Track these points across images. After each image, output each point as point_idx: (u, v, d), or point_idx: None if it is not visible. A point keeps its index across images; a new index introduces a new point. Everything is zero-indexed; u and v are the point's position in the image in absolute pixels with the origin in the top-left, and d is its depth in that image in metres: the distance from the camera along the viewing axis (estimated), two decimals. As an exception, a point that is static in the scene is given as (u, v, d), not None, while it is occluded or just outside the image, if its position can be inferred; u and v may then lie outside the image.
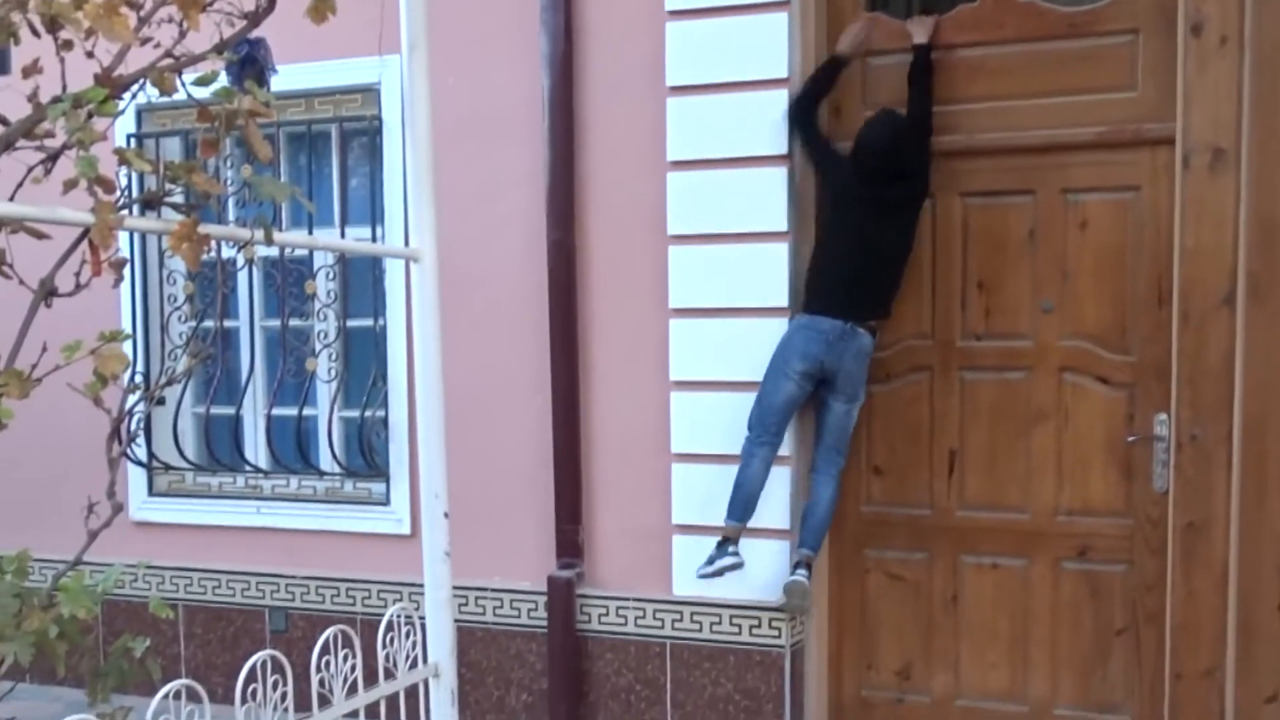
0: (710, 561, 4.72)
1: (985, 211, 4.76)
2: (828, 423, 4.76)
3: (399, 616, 3.28)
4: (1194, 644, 4.48)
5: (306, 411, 5.70)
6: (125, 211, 2.50)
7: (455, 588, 3.48)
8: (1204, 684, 4.48)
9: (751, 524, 4.81)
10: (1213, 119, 4.33)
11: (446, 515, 3.36)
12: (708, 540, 4.89)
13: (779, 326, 4.78)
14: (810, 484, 4.81)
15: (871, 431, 4.98)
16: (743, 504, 4.70)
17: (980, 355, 4.83)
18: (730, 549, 4.70)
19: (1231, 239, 4.33)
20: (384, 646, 3.24)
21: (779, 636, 4.86)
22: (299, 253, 5.67)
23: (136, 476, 6.03)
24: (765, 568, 4.83)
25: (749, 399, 4.81)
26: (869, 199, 4.61)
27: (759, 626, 4.88)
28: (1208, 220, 4.35)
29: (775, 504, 4.83)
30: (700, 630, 4.98)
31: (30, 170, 2.67)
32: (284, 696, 2.85)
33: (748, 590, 4.88)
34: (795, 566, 4.72)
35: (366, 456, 5.58)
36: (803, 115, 4.70)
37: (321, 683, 3.02)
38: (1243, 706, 4.42)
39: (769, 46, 4.74)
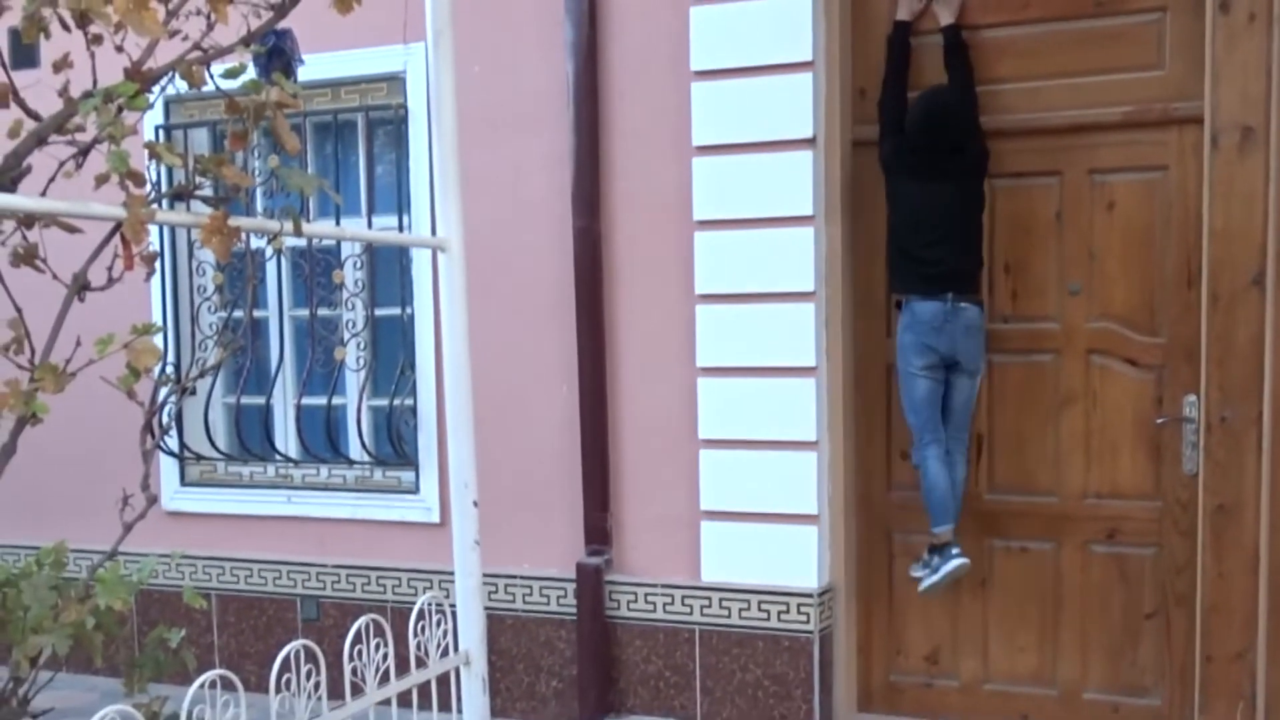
0: (935, 569, 4.68)
1: (1012, 193, 4.74)
2: (954, 403, 4.72)
3: (430, 605, 3.31)
4: (1224, 627, 4.46)
5: (336, 401, 5.73)
6: (155, 205, 2.52)
7: (485, 575, 3.50)
8: (1235, 666, 4.46)
9: (779, 510, 4.82)
10: (1241, 97, 4.29)
11: (476, 504, 3.38)
12: (736, 526, 4.91)
13: (806, 311, 4.78)
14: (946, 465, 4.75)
15: (898, 416, 4.96)
16: (943, 508, 4.65)
17: (1008, 338, 4.81)
18: (954, 551, 4.64)
19: (1261, 219, 4.30)
20: (415, 635, 3.27)
21: (808, 622, 4.86)
22: (327, 242, 5.69)
23: (169, 467, 6.07)
24: (794, 553, 4.83)
25: (776, 384, 4.81)
26: (932, 174, 4.60)
27: (787, 612, 4.88)
28: (1237, 200, 4.32)
29: (803, 491, 4.83)
30: (729, 616, 4.99)
31: (62, 165, 2.70)
32: (317, 686, 2.88)
33: (777, 575, 4.88)
34: (943, 547, 4.70)
35: (395, 445, 5.60)
36: (890, 98, 4.73)
37: (354, 671, 3.04)
38: (1274, 688, 4.40)
39: (794, 29, 4.72)
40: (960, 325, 4.58)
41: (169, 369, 5.83)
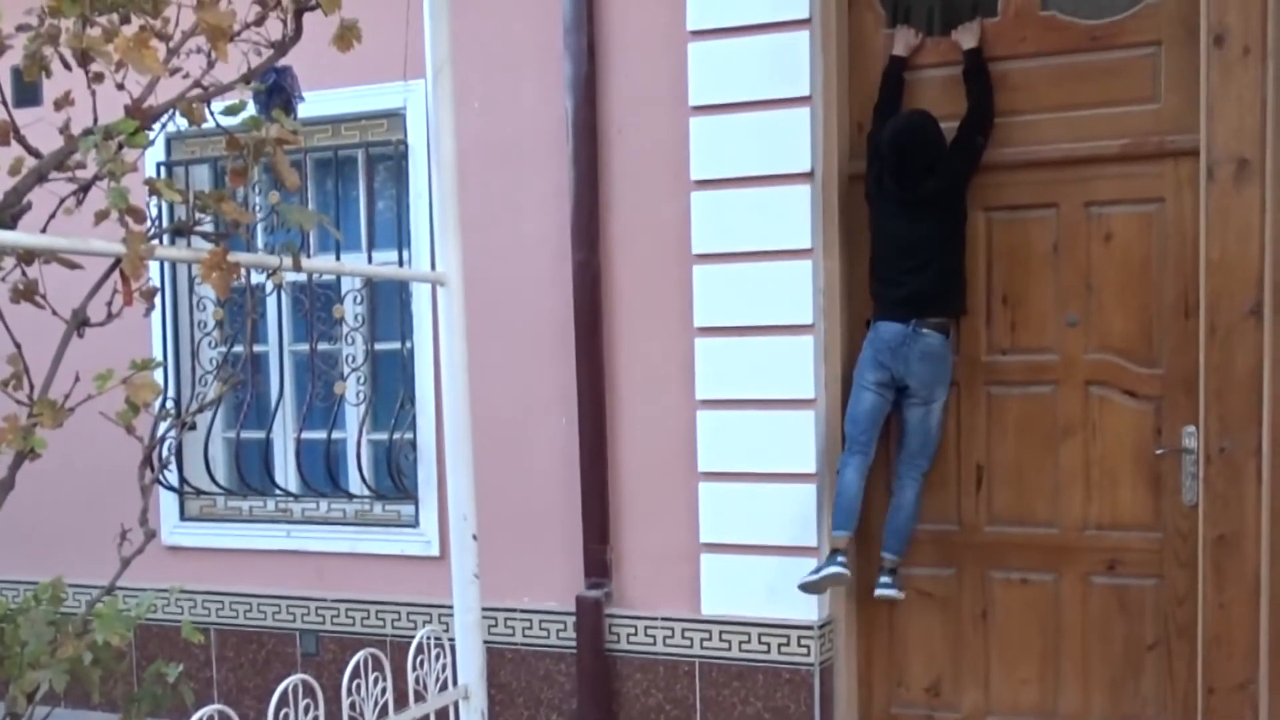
0: (816, 570, 4.71)
1: (1009, 226, 4.76)
2: (907, 427, 4.78)
3: (429, 639, 3.30)
4: (1226, 657, 4.45)
5: (335, 435, 5.73)
6: (155, 241, 2.53)
7: (484, 609, 3.49)
8: (1237, 697, 4.45)
9: (779, 542, 4.82)
10: (1236, 130, 4.31)
11: (475, 537, 3.38)
12: (736, 559, 4.91)
13: (804, 344, 4.79)
14: (894, 489, 4.82)
15: (894, 447, 4.96)
16: (845, 514, 4.70)
17: (1006, 370, 4.82)
18: (839, 559, 4.68)
19: (1257, 250, 4.31)
20: (414, 669, 3.26)
21: (808, 654, 4.85)
22: (327, 278, 5.71)
23: (168, 501, 6.07)
24: (794, 586, 4.82)
25: (775, 416, 4.82)
26: (904, 200, 4.64)
27: (788, 645, 4.87)
28: (1233, 232, 4.34)
29: (803, 523, 4.83)
30: (729, 649, 4.98)
31: (62, 201, 2.71)
32: (316, 720, 2.87)
33: (777, 608, 4.87)
34: (882, 572, 4.78)
35: (395, 479, 5.60)
36: (879, 131, 4.77)
37: (352, 706, 3.03)
38: (1277, 719, 4.39)
39: (790, 65, 4.75)
40: (916, 351, 4.62)
41: (169, 404, 5.84)
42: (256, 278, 5.67)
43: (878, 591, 4.79)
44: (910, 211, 4.64)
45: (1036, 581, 4.84)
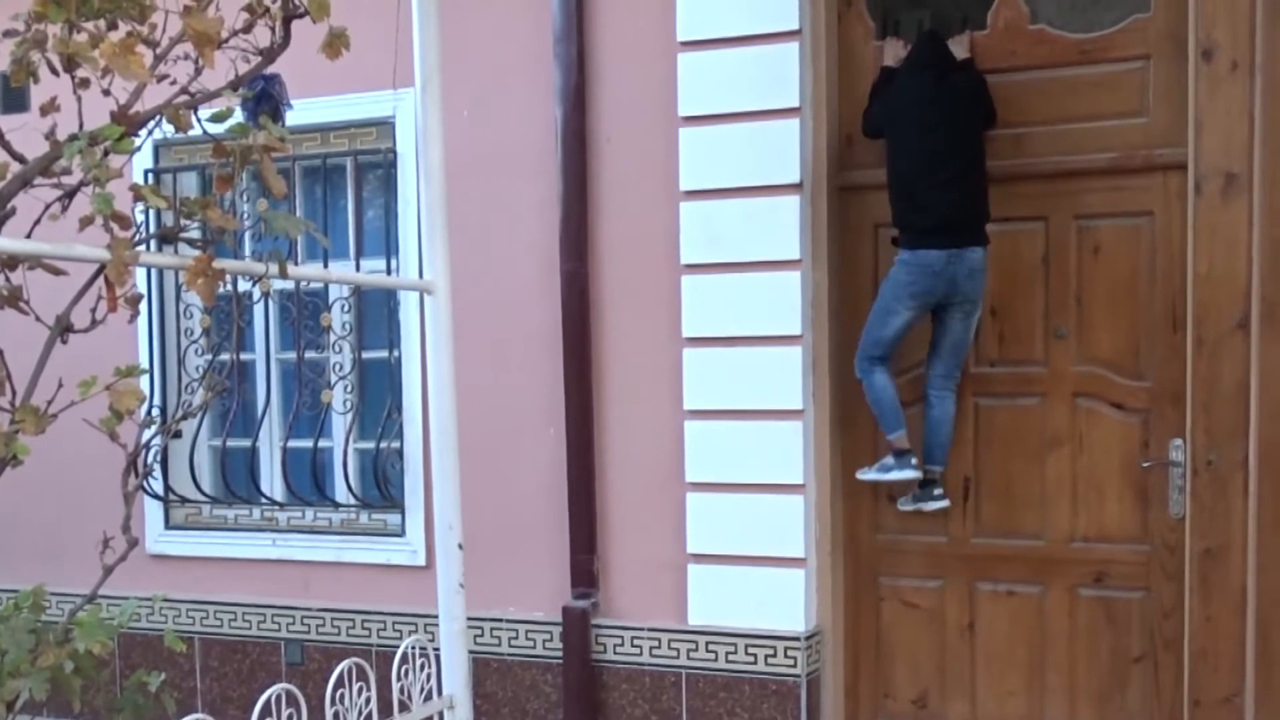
0: (885, 468, 4.75)
1: (997, 238, 4.75)
2: (945, 341, 4.71)
3: (414, 648, 3.29)
4: (1213, 670, 4.45)
5: (322, 443, 5.71)
6: (141, 247, 2.52)
7: (470, 619, 3.49)
8: (1223, 711, 4.45)
9: (766, 553, 4.82)
10: (1224, 144, 4.33)
11: (461, 546, 3.37)
12: (723, 569, 4.91)
13: (793, 355, 4.79)
14: (926, 403, 4.78)
15: (886, 459, 4.98)
16: (892, 415, 4.70)
17: (994, 382, 4.82)
18: (912, 460, 4.71)
19: (1245, 264, 4.32)
20: (399, 678, 3.24)
21: (795, 666, 4.84)
22: (314, 285, 5.70)
23: (153, 510, 6.04)
24: (781, 597, 4.82)
25: (763, 427, 4.82)
26: (924, 103, 4.60)
27: (775, 656, 4.86)
28: (1221, 245, 4.35)
29: (790, 534, 4.82)
30: (716, 660, 4.97)
31: (48, 207, 2.70)
32: (299, 730, 2.86)
33: (764, 619, 4.87)
34: (926, 485, 4.79)
35: (382, 488, 5.58)
36: (870, 128, 4.78)
37: (336, 716, 3.02)
38: (1263, 734, 4.40)
39: (780, 76, 4.76)
40: (964, 270, 4.55)
41: (154, 411, 5.81)
42: (243, 285, 5.66)
43: (932, 505, 4.78)
44: (938, 113, 4.57)
45: (1023, 593, 4.84)
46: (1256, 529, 4.35)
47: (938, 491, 4.79)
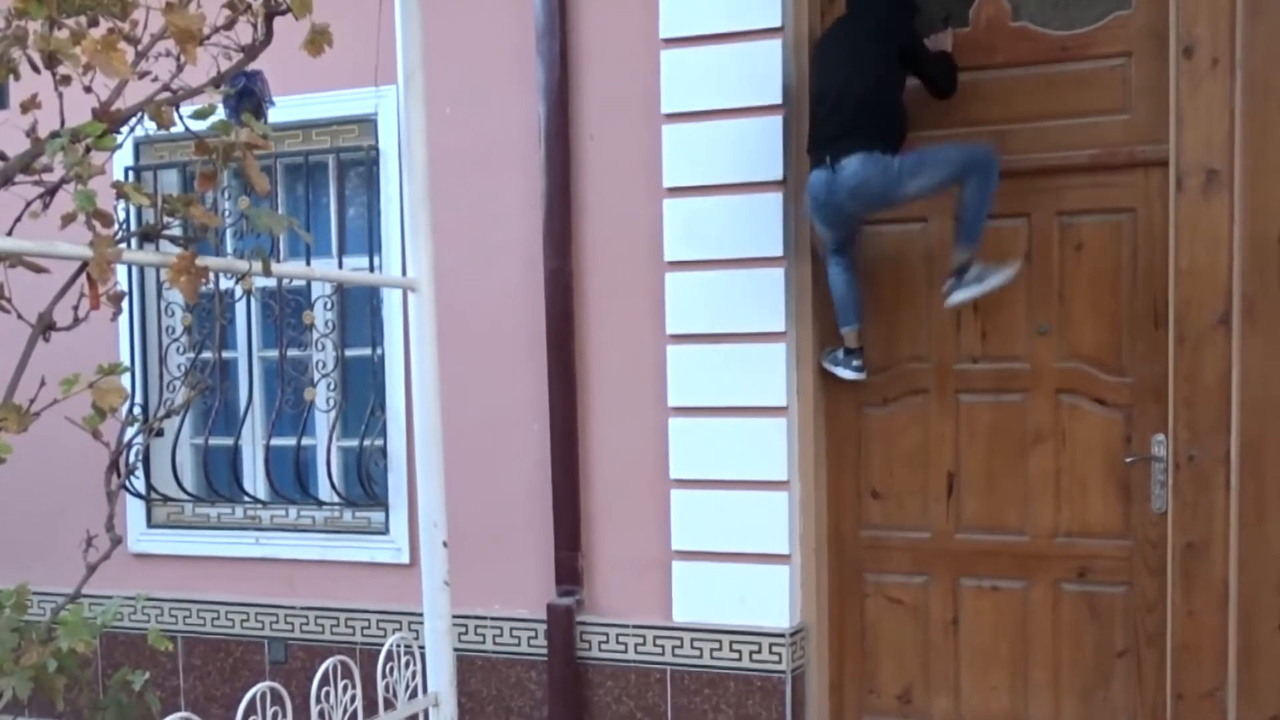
0: (834, 360, 4.84)
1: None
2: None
3: (398, 646, 3.28)
4: (1195, 664, 4.47)
5: (305, 441, 5.70)
6: (123, 245, 2.51)
7: (455, 616, 3.48)
8: (1206, 704, 4.47)
9: (751, 549, 4.82)
10: (1205, 141, 4.35)
11: (445, 544, 3.36)
12: (708, 566, 4.92)
13: (777, 351, 4.79)
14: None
15: (869, 455, 4.99)
16: (842, 308, 4.74)
17: (977, 378, 4.84)
18: (854, 362, 4.79)
19: (1226, 260, 4.34)
20: (383, 676, 3.23)
21: (779, 662, 4.85)
22: (297, 283, 5.69)
23: (135, 508, 6.02)
24: (765, 593, 4.83)
25: (747, 424, 4.82)
26: (829, 44, 4.67)
27: (759, 652, 4.87)
28: (1202, 241, 4.37)
29: (775, 530, 4.83)
30: (700, 657, 4.97)
31: (29, 204, 2.69)
32: (284, 728, 2.85)
33: (749, 616, 4.87)
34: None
35: (365, 486, 5.57)
36: None
37: (321, 714, 3.01)
38: (1245, 727, 4.42)
39: (763, 73, 4.77)
40: (842, 191, 4.46)
41: (136, 410, 5.79)
42: (225, 283, 5.65)
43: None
44: (840, 50, 4.58)
45: (1007, 589, 4.85)
46: (1238, 524, 4.37)
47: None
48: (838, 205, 4.51)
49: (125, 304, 5.64)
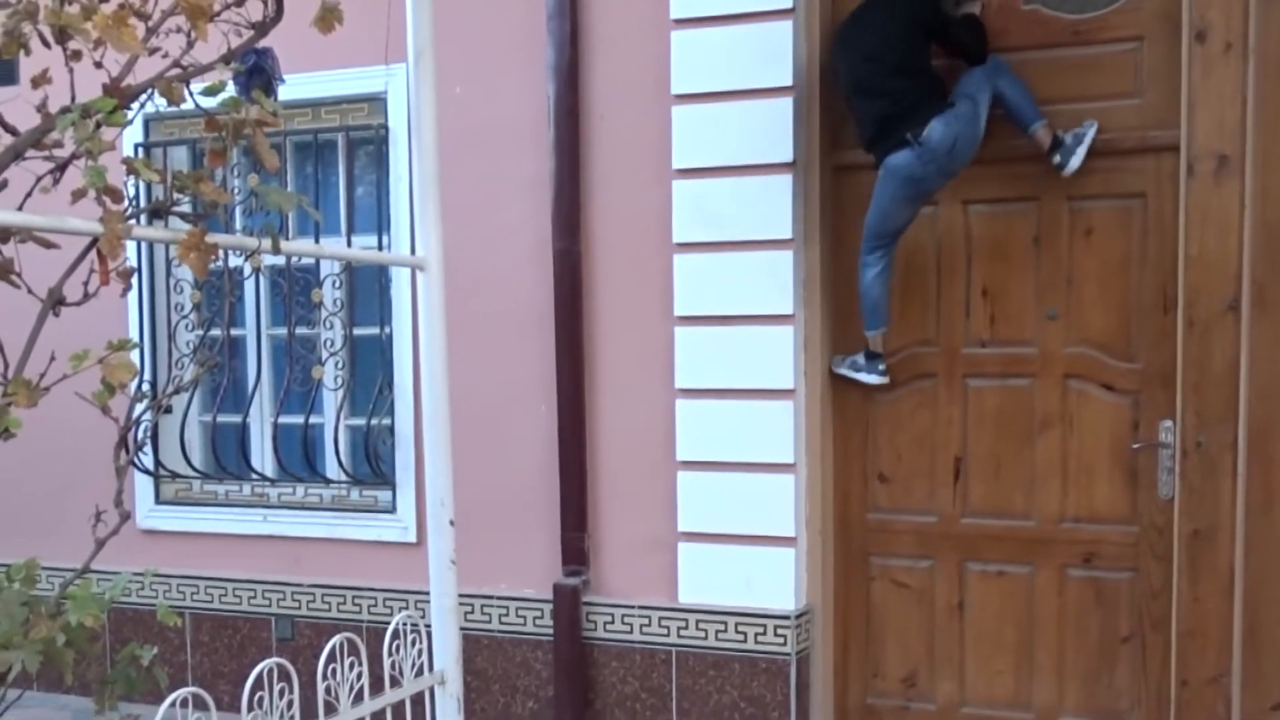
0: (855, 366, 4.84)
1: (990, 219, 4.77)
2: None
3: (405, 624, 3.29)
4: (1200, 651, 4.48)
5: (313, 419, 5.71)
6: (133, 221, 2.51)
7: (461, 595, 3.49)
8: (1210, 691, 4.47)
9: (757, 532, 4.83)
10: (1217, 126, 4.33)
11: (452, 523, 3.37)
12: (714, 548, 4.93)
13: (784, 334, 4.79)
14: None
15: (876, 439, 4.99)
16: (870, 311, 4.74)
17: (985, 362, 4.83)
18: (880, 366, 4.80)
19: (1236, 246, 4.33)
20: (390, 654, 3.25)
21: (785, 644, 4.86)
22: (305, 261, 5.69)
23: (144, 485, 6.04)
24: (771, 576, 4.84)
25: (755, 406, 4.83)
26: (851, 24, 4.70)
27: (764, 634, 4.88)
28: (1212, 227, 4.36)
29: (781, 513, 4.83)
30: (706, 638, 4.98)
31: (39, 180, 2.69)
32: (290, 704, 2.86)
33: (754, 598, 4.88)
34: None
35: (373, 464, 5.59)
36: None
37: (328, 690, 3.02)
38: (1249, 713, 4.42)
39: (773, 54, 4.75)
40: (943, 156, 4.48)
41: (145, 386, 5.81)
42: (235, 260, 5.65)
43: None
44: (863, 28, 4.61)
45: (1012, 573, 4.86)
46: (1245, 510, 4.37)
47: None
48: (939, 171, 4.50)
49: (135, 280, 5.64)
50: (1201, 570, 4.45)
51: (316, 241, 5.40)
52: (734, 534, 4.91)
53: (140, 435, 5.03)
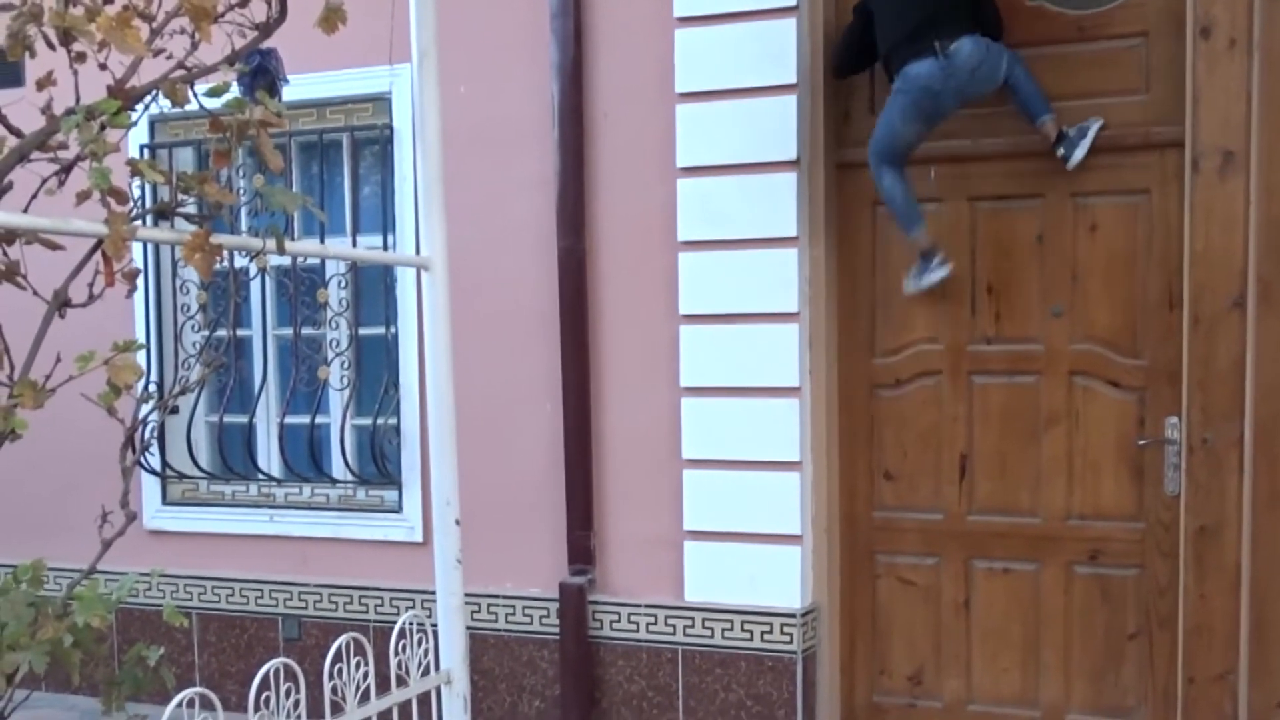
0: (918, 276, 4.72)
1: (994, 215, 4.77)
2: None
3: (411, 624, 3.30)
4: (1207, 648, 4.47)
5: (319, 419, 5.72)
6: (138, 222, 2.52)
7: (467, 595, 3.49)
8: (1217, 688, 4.47)
9: (763, 530, 4.83)
10: (1222, 122, 4.32)
11: (458, 522, 3.37)
12: (720, 546, 4.93)
13: (789, 332, 4.79)
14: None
15: (882, 436, 4.98)
16: (904, 213, 4.65)
17: (990, 359, 4.83)
18: (936, 258, 4.67)
19: (1241, 242, 4.32)
20: (396, 654, 3.25)
21: (791, 642, 4.86)
22: (311, 261, 5.69)
23: (151, 486, 6.05)
24: (777, 574, 4.84)
25: (760, 404, 4.83)
26: None
27: (771, 632, 4.88)
28: (1217, 223, 4.35)
29: (787, 511, 4.84)
30: (712, 636, 4.98)
31: (44, 182, 2.70)
32: (297, 704, 2.87)
33: (760, 596, 4.88)
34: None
35: (379, 464, 5.59)
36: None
37: (334, 690, 3.03)
38: (1256, 710, 4.41)
39: (778, 52, 4.75)
40: (964, 72, 4.42)
41: (151, 387, 5.82)
42: (240, 261, 5.66)
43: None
44: None
45: (1019, 571, 4.85)
46: (1251, 507, 4.36)
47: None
48: (956, 90, 4.46)
49: (140, 281, 5.66)
50: (1208, 567, 4.45)
51: (321, 242, 5.40)
52: (740, 532, 4.92)
53: (146, 436, 5.04)
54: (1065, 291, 4.71)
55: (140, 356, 2.83)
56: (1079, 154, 4.52)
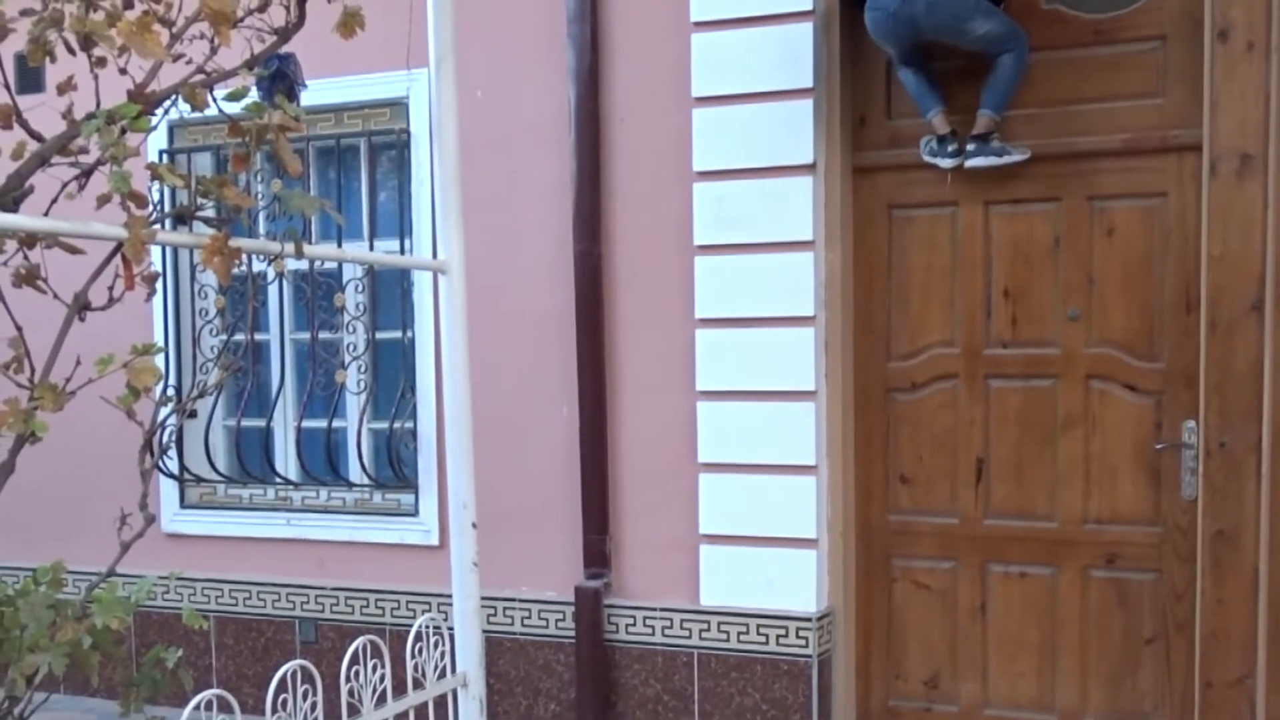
0: (931, 152, 4.70)
1: (1011, 219, 4.76)
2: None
3: (427, 627, 3.31)
4: (1224, 652, 4.45)
5: (336, 423, 5.74)
6: (157, 226, 2.53)
7: (483, 598, 3.50)
8: (1234, 692, 4.45)
9: (779, 534, 4.84)
10: (1240, 125, 4.31)
11: (474, 526, 3.38)
12: (736, 550, 4.93)
13: (806, 336, 4.79)
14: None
15: (898, 440, 4.98)
16: (920, 97, 4.65)
17: (1007, 363, 4.82)
18: (950, 148, 4.64)
19: (1259, 245, 4.31)
20: (413, 656, 3.26)
21: (806, 646, 4.85)
22: (328, 266, 5.72)
23: (169, 489, 6.07)
24: (793, 578, 4.84)
25: (776, 408, 4.83)
26: None
27: (786, 636, 4.88)
28: (1235, 227, 4.33)
29: (803, 515, 4.83)
30: (728, 640, 4.98)
31: (65, 186, 2.72)
32: (314, 706, 2.88)
33: (776, 600, 4.88)
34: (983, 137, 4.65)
35: (395, 468, 5.61)
36: None
37: (351, 693, 3.04)
38: (1273, 714, 4.39)
39: (793, 56, 4.75)
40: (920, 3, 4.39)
41: (170, 390, 5.84)
42: (258, 265, 5.68)
43: (1000, 158, 4.63)
44: None
45: (1035, 575, 4.84)
46: (1269, 511, 4.34)
47: (951, 147, 4.66)
48: (910, 19, 4.43)
49: (159, 285, 5.70)
50: (1225, 571, 4.43)
51: (339, 246, 5.42)
52: (756, 536, 4.91)
53: (165, 439, 5.05)
54: (1082, 295, 4.70)
55: (159, 360, 2.85)
56: (980, 161, 4.57)
